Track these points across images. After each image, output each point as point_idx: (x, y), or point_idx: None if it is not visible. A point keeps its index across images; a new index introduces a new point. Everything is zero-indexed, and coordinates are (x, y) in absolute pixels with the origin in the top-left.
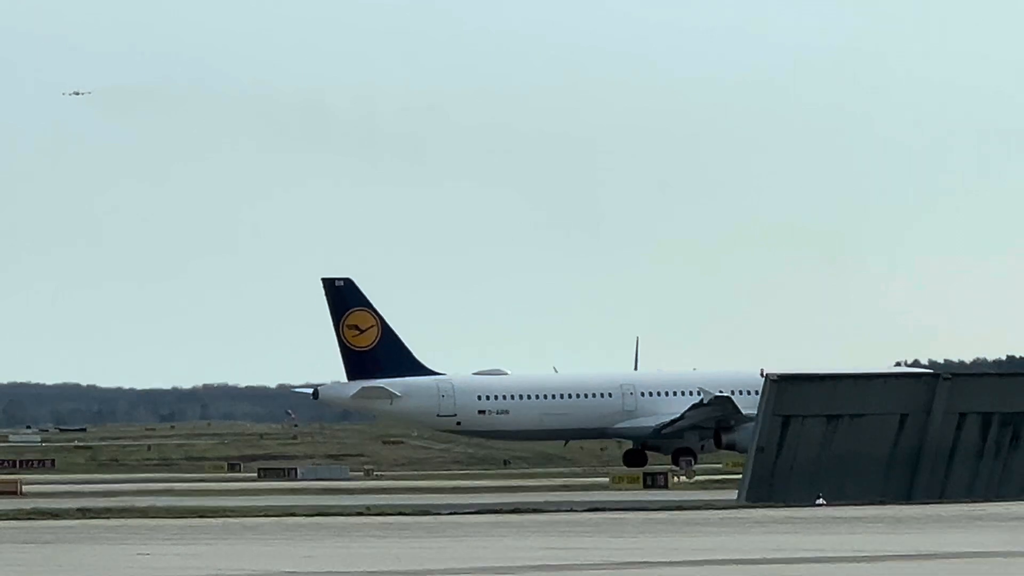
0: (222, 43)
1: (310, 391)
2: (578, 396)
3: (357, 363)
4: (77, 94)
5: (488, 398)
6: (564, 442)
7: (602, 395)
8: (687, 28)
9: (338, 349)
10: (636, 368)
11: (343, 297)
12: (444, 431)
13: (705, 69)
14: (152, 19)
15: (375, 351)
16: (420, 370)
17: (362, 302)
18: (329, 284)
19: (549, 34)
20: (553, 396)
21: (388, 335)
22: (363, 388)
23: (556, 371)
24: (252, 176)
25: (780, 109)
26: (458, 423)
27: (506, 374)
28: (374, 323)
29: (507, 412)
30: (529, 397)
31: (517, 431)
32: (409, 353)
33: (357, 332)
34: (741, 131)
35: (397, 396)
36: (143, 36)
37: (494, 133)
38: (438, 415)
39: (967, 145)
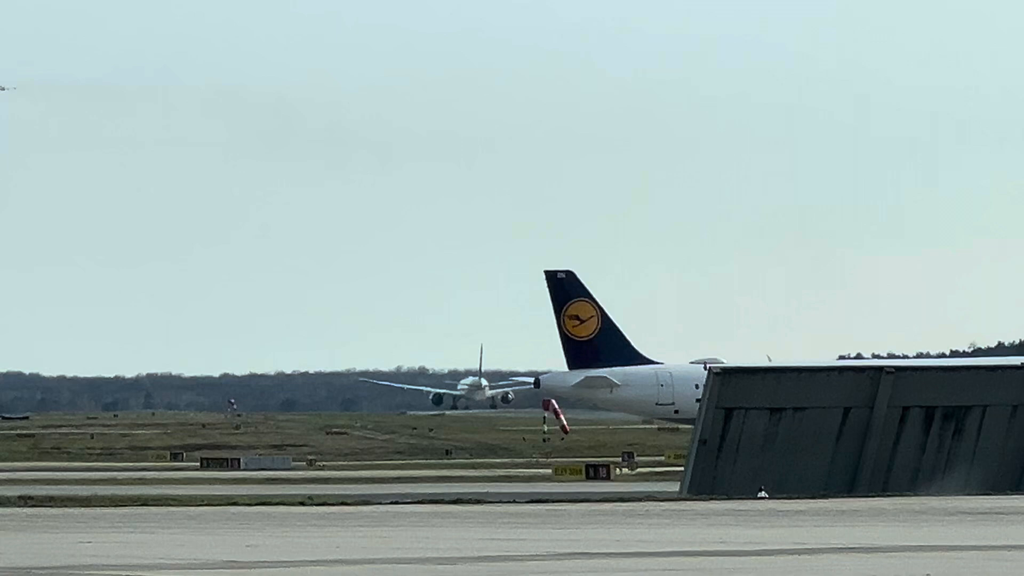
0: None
1: (531, 380)
2: None
3: (577, 352)
4: (3, 89)
5: None
6: None
7: None
8: (679, 26)
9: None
10: (480, 370)
11: (564, 288)
12: (663, 419)
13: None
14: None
15: (595, 340)
16: (638, 359)
17: (583, 293)
18: (551, 276)
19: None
20: None
21: (607, 325)
22: (586, 378)
23: (770, 360)
24: (258, 173)
25: (738, 110)
26: (676, 411)
27: (722, 363)
28: (594, 313)
29: None
30: None
31: None
32: (628, 342)
33: (578, 322)
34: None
35: (617, 385)
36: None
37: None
38: (657, 403)
39: (937, 142)
